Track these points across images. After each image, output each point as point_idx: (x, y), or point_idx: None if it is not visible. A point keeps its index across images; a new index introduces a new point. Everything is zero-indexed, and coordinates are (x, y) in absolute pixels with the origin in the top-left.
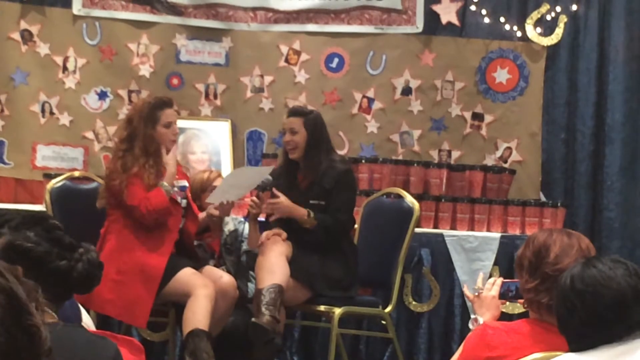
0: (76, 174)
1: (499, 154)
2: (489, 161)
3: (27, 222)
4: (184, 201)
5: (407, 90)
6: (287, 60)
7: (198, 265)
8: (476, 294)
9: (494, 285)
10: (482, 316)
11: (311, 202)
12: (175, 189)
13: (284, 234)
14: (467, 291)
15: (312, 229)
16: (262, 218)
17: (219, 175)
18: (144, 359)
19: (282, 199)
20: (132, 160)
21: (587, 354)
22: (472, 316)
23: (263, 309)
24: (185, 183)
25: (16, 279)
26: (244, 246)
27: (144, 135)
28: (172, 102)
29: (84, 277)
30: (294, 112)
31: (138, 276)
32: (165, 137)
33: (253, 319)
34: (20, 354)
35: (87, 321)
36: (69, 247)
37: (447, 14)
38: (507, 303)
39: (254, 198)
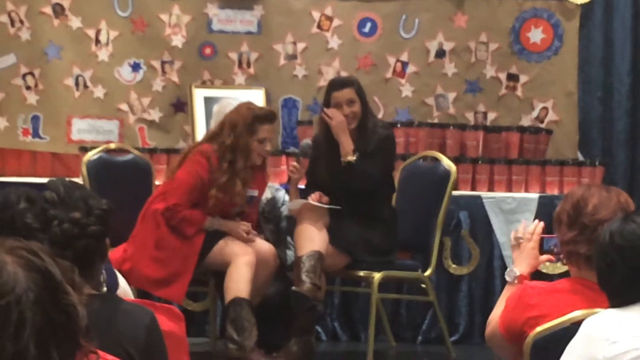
0: (112, 146)
1: (535, 114)
2: (525, 122)
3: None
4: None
5: (440, 53)
6: (319, 27)
7: None
8: (515, 242)
9: (534, 235)
10: (520, 266)
11: None
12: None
13: (326, 198)
14: (512, 238)
15: (346, 166)
16: (301, 185)
17: None
18: (184, 327)
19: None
20: (232, 174)
21: (629, 309)
22: (509, 268)
23: (303, 277)
24: (255, 193)
25: (52, 259)
26: (284, 211)
27: (245, 146)
28: (274, 117)
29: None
30: (343, 84)
31: (176, 251)
32: (256, 151)
33: (294, 287)
34: (57, 332)
35: (125, 287)
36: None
37: None
38: (547, 263)
39: (295, 163)
